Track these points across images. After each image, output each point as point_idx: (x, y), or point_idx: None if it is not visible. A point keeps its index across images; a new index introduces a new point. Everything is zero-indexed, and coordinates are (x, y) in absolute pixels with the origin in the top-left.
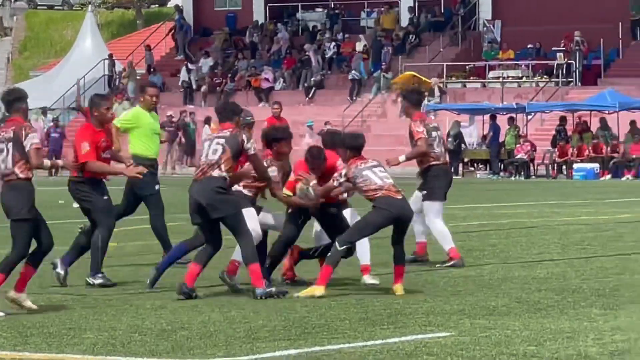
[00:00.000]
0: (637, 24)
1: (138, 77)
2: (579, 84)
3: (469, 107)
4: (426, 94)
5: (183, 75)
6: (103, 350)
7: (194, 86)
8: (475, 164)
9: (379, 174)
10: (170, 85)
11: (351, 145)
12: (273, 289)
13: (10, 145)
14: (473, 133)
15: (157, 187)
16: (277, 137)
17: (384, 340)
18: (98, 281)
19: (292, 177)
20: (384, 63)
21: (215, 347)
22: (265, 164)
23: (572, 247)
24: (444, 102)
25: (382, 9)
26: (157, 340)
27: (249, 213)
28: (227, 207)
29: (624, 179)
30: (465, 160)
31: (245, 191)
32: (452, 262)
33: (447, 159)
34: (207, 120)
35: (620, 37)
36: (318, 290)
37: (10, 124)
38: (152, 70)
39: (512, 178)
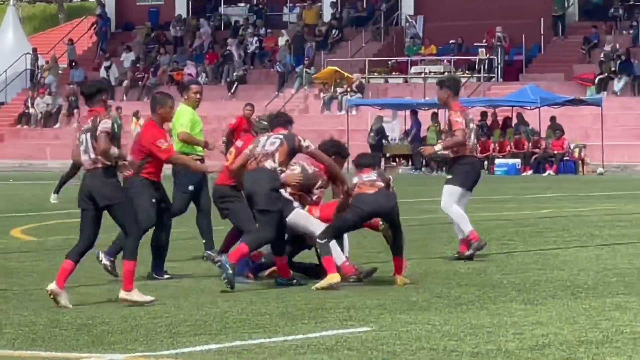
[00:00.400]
0: (559, 20)
1: (60, 72)
2: (501, 79)
3: (391, 102)
4: (348, 89)
5: (102, 71)
6: (23, 345)
7: (113, 82)
8: (397, 159)
9: None
10: (92, 79)
11: (346, 154)
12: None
13: (89, 135)
14: (395, 128)
15: (190, 187)
16: (339, 152)
17: (305, 335)
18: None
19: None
20: (306, 58)
21: (136, 342)
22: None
23: (494, 243)
24: (366, 97)
25: (305, 4)
26: (78, 335)
27: (300, 214)
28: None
29: (545, 174)
30: (388, 155)
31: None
32: (474, 245)
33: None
34: (135, 114)
35: (542, 32)
36: (334, 277)
37: (91, 114)
38: (73, 64)
39: (434, 173)
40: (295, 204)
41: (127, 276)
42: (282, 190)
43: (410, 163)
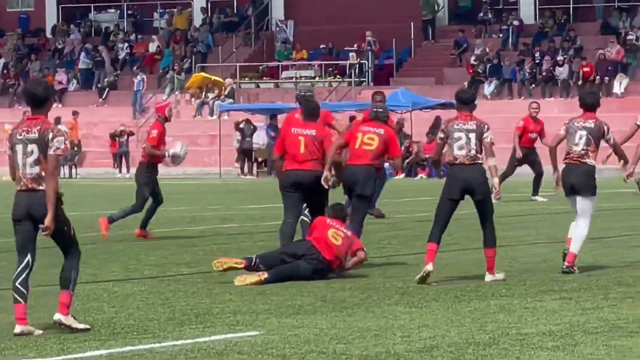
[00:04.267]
0: (429, 24)
1: None
2: (372, 83)
3: (262, 107)
4: (219, 94)
5: None
6: None
7: None
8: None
9: None
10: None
11: None
12: None
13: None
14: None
15: None
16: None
17: (194, 340)
18: None
19: None
20: (176, 63)
21: (26, 348)
22: None
23: (373, 246)
24: (238, 102)
25: (175, 9)
26: None
27: None
28: None
29: (417, 178)
30: (260, 160)
31: None
32: None
33: None
34: None
35: (412, 37)
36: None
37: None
38: None
39: None
40: None
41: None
42: None
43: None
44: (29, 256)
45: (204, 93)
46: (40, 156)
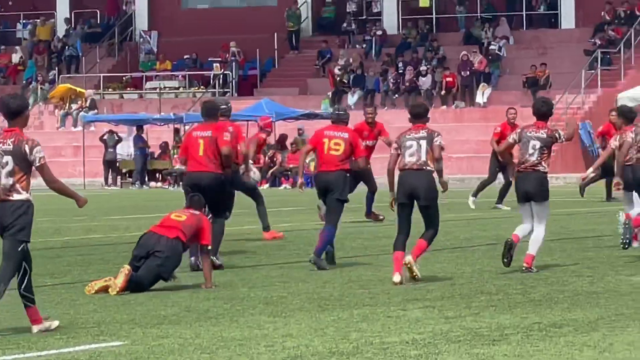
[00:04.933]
0: (294, 34)
1: None
2: (236, 94)
3: (126, 118)
4: (82, 105)
5: None
6: None
7: None
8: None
9: None
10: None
11: None
12: None
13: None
14: (131, 144)
15: None
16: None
17: (58, 350)
18: None
19: None
20: (39, 74)
21: None
22: None
23: (237, 256)
24: (102, 113)
25: (38, 20)
26: None
27: None
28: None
29: (281, 187)
30: (124, 171)
31: None
32: None
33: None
34: None
35: (276, 47)
36: None
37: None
38: None
39: (171, 188)
40: None
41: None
42: None
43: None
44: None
45: (67, 104)
46: (16, 168)
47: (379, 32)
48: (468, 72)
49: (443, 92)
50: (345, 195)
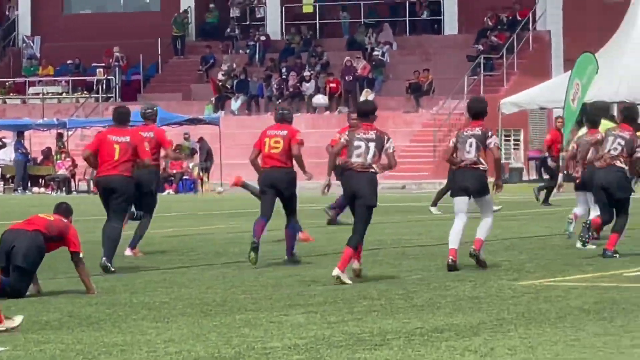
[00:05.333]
0: (178, 40)
1: None
2: (119, 99)
3: (9, 124)
4: None
5: None
6: None
7: None
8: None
9: None
10: None
11: None
12: None
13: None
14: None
15: None
16: None
17: None
18: None
19: None
20: None
21: None
22: None
23: (118, 261)
24: None
25: None
26: None
27: None
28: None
29: (165, 193)
30: (8, 176)
31: None
32: None
33: None
34: None
35: (159, 52)
36: None
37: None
38: None
39: (53, 194)
40: None
41: None
42: None
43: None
44: None
45: None
46: None
47: (263, 38)
48: (351, 78)
49: (327, 97)
50: (293, 190)
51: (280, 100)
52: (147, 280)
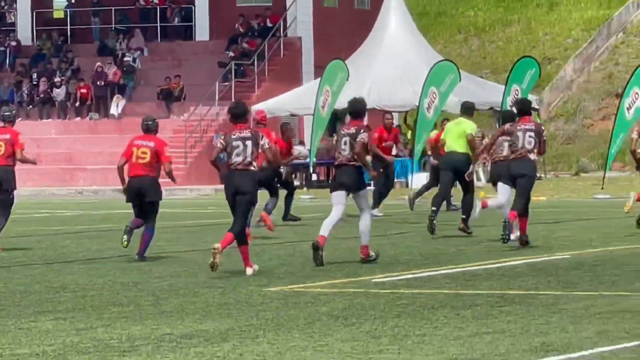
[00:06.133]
0: None
1: None
2: None
3: None
4: None
5: None
6: None
7: None
8: None
9: None
10: None
11: None
12: None
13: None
14: None
15: None
16: None
17: None
18: None
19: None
20: None
21: None
22: None
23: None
24: None
25: None
26: None
27: None
28: None
29: None
30: None
31: None
32: None
33: None
34: None
35: None
36: None
37: None
38: None
39: None
40: None
41: None
42: None
43: None
44: None
45: None
46: None
47: (14, 43)
48: (103, 84)
49: (77, 103)
50: (159, 197)
51: (30, 106)
52: (42, 282)
